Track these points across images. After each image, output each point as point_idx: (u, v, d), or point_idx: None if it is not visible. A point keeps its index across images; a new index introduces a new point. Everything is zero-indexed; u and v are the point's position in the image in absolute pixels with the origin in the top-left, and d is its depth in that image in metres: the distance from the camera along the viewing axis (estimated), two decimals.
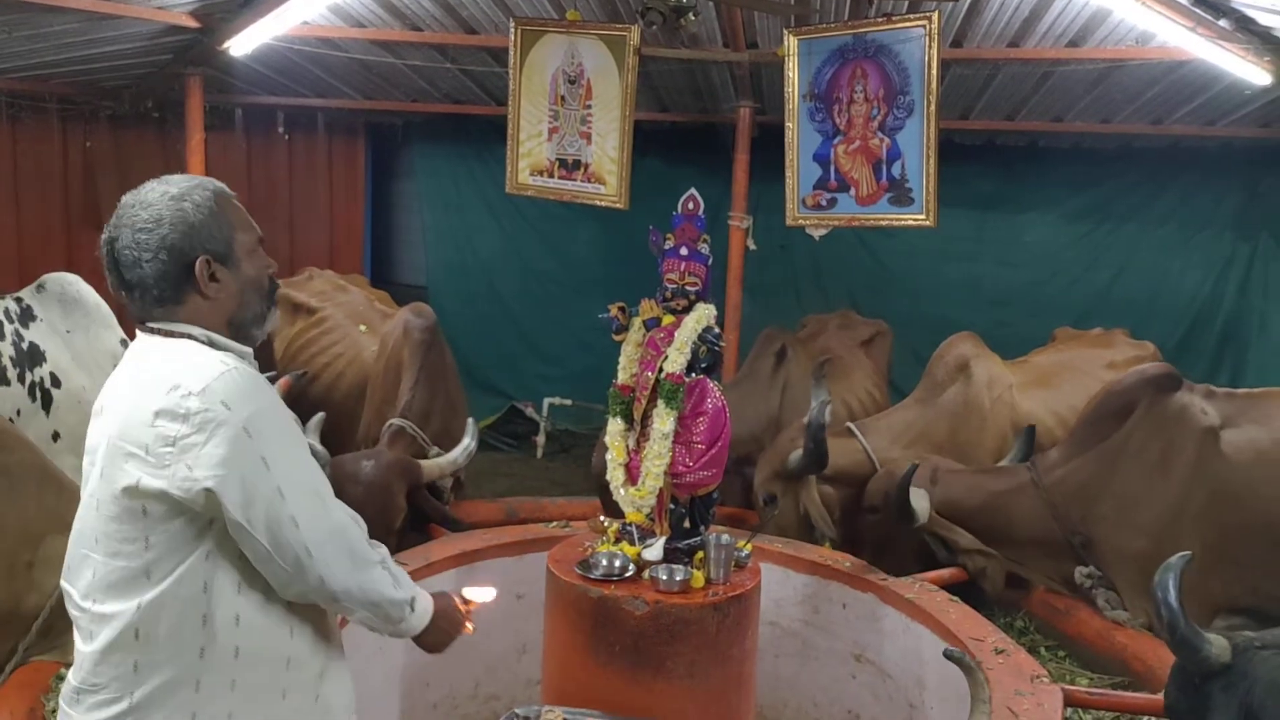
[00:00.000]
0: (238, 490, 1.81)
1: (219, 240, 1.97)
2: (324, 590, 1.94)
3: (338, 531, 1.96)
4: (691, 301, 3.49)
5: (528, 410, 9.17)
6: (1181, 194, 8.13)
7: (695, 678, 3.22)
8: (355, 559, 1.98)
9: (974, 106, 7.48)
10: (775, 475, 5.08)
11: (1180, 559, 2.62)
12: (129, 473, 1.83)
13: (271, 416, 1.90)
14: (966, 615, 3.90)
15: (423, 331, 5.43)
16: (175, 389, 1.82)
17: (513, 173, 6.43)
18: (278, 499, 1.85)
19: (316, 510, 1.93)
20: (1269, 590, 4.34)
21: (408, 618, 2.12)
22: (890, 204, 5.59)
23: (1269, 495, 4.32)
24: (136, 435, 1.83)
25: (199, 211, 1.95)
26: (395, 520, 4.51)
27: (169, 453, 1.80)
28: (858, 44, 5.51)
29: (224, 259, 1.98)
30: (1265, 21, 5.11)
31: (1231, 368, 7.97)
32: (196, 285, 1.95)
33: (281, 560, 1.87)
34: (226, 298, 1.99)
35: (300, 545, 1.87)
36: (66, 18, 5.83)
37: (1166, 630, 2.51)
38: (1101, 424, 4.65)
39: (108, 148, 8.28)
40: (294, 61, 7.38)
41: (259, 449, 1.83)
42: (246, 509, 1.82)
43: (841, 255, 8.62)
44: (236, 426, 1.81)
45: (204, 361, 1.88)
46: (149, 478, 1.81)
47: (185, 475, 1.80)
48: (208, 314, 1.98)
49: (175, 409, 1.81)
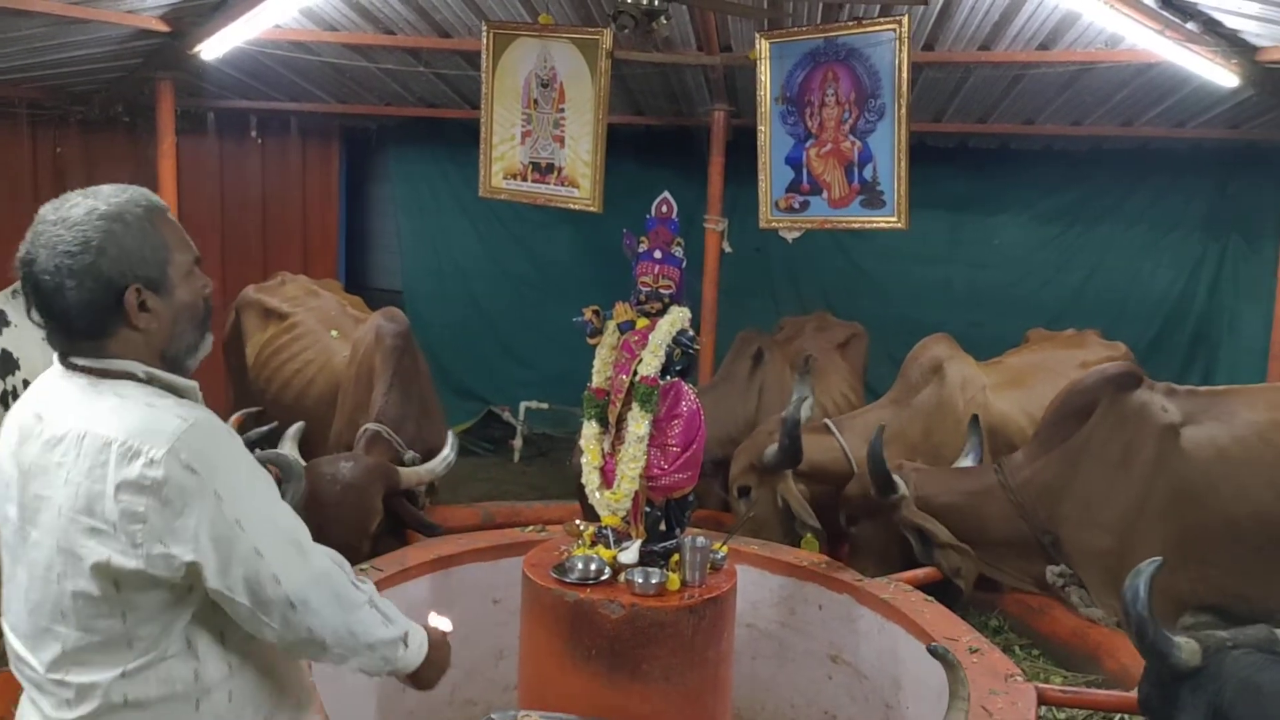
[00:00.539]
0: (214, 557, 1.70)
1: (152, 264, 1.78)
2: (315, 640, 1.83)
3: (321, 579, 1.85)
4: (666, 304, 3.50)
5: (504, 414, 9.15)
6: (1152, 195, 8.20)
7: (672, 680, 3.23)
8: (342, 603, 1.87)
9: (946, 109, 7.52)
10: (751, 468, 5.09)
11: (1150, 564, 2.64)
12: (95, 550, 1.69)
13: (238, 470, 1.77)
14: (941, 615, 3.93)
15: (395, 337, 5.40)
16: (135, 457, 1.67)
17: (486, 176, 6.42)
18: (256, 559, 1.74)
19: (297, 561, 1.81)
20: (1234, 588, 4.38)
21: (403, 655, 2.01)
22: (862, 206, 5.61)
23: (1229, 493, 4.36)
24: (97, 509, 1.68)
25: (130, 233, 1.76)
26: (371, 524, 4.48)
27: (140, 530, 1.67)
28: (829, 47, 5.53)
29: (156, 286, 1.79)
30: (1232, 24, 5.17)
31: (1203, 367, 8.05)
32: (126, 317, 1.76)
33: (267, 618, 1.77)
34: (159, 328, 1.81)
35: (284, 600, 1.77)
36: (34, 21, 5.78)
37: (1135, 637, 2.53)
38: (1064, 423, 4.69)
39: (78, 153, 8.21)
40: (266, 65, 7.33)
41: (232, 512, 1.71)
42: (225, 575, 1.72)
43: (816, 257, 8.66)
44: (207, 493, 1.69)
45: (157, 418, 1.71)
46: (121, 557, 1.68)
47: (162, 553, 1.68)
48: (138, 347, 1.80)
49: (139, 481, 1.66)
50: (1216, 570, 4.38)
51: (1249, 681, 2.38)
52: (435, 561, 4.27)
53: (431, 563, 4.25)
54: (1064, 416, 4.72)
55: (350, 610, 1.88)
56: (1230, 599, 4.39)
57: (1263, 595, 4.33)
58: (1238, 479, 4.36)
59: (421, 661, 2.07)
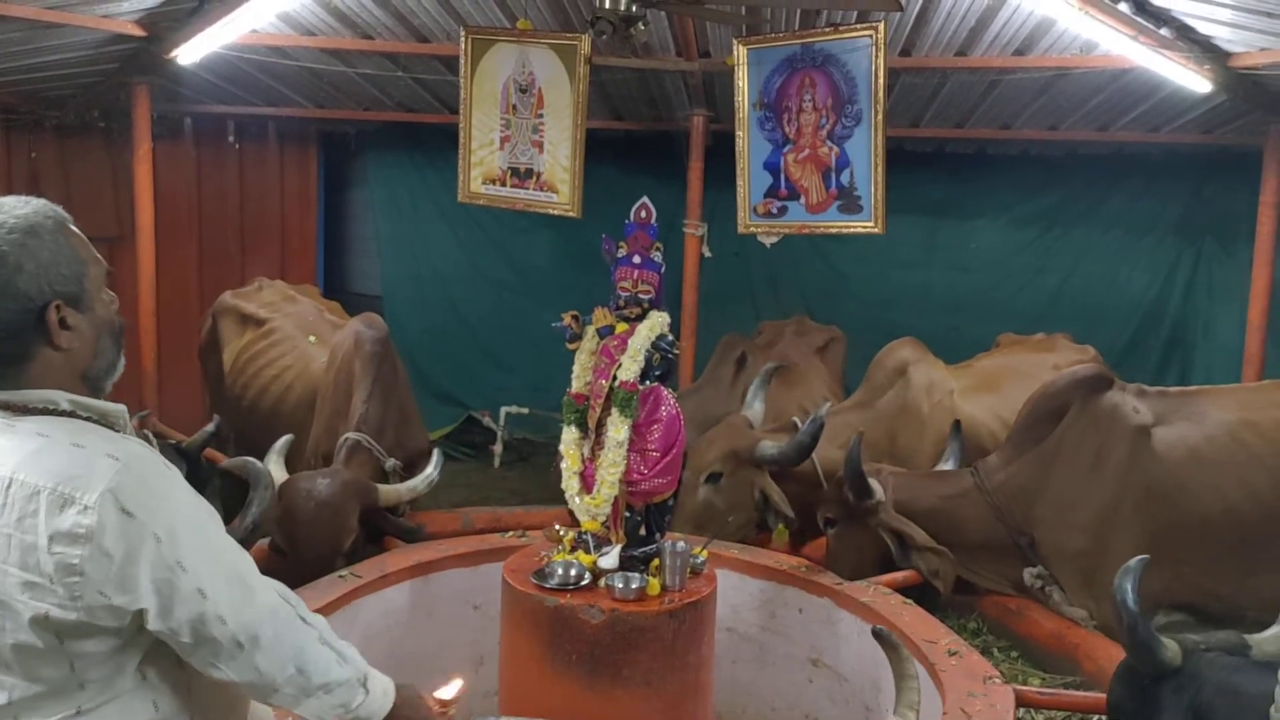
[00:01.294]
0: (155, 601, 1.62)
1: (70, 279, 1.68)
2: (265, 679, 1.75)
3: (268, 616, 1.74)
4: (645, 309, 3.51)
5: (485, 419, 9.12)
6: (1127, 199, 8.26)
7: (652, 685, 3.23)
8: (292, 641, 1.77)
9: (923, 114, 7.56)
10: (730, 456, 5.05)
11: (1139, 562, 2.66)
12: (32, 604, 1.58)
13: (177, 509, 1.67)
14: (920, 617, 3.95)
15: (374, 343, 5.38)
16: (67, 504, 1.56)
17: (465, 181, 6.41)
18: (199, 599, 1.64)
19: (242, 599, 1.71)
20: (1207, 586, 4.42)
21: (362, 701, 1.87)
22: (840, 211, 5.64)
23: (1201, 492, 4.40)
24: (31, 561, 1.58)
25: (46, 247, 1.65)
26: (344, 542, 4.42)
27: (78, 582, 1.57)
28: (806, 54, 5.55)
29: (76, 301, 1.68)
30: (1205, 30, 5.22)
31: (1179, 369, 8.11)
32: (48, 336, 1.65)
33: (214, 659, 1.70)
34: (80, 347, 1.70)
35: (231, 639, 1.68)
36: (9, 26, 5.73)
37: (1126, 633, 2.54)
38: (1037, 426, 4.72)
39: (53, 158, 8.13)
40: (244, 70, 7.30)
41: (172, 554, 1.62)
42: (167, 618, 1.63)
43: (795, 262, 8.68)
44: (145, 536, 1.59)
45: (87, 460, 1.60)
46: (60, 610, 1.58)
47: (103, 604, 1.59)
48: (60, 369, 1.69)
49: (73, 531, 1.56)
50: (1190, 569, 4.42)
51: (1227, 683, 2.40)
52: (415, 568, 4.25)
53: (411, 569, 4.24)
54: (1037, 419, 4.75)
55: (301, 649, 1.78)
56: (1204, 597, 4.43)
57: (1235, 593, 4.37)
58: (1209, 478, 4.41)
59: (387, 714, 1.93)
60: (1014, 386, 5.54)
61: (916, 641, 3.72)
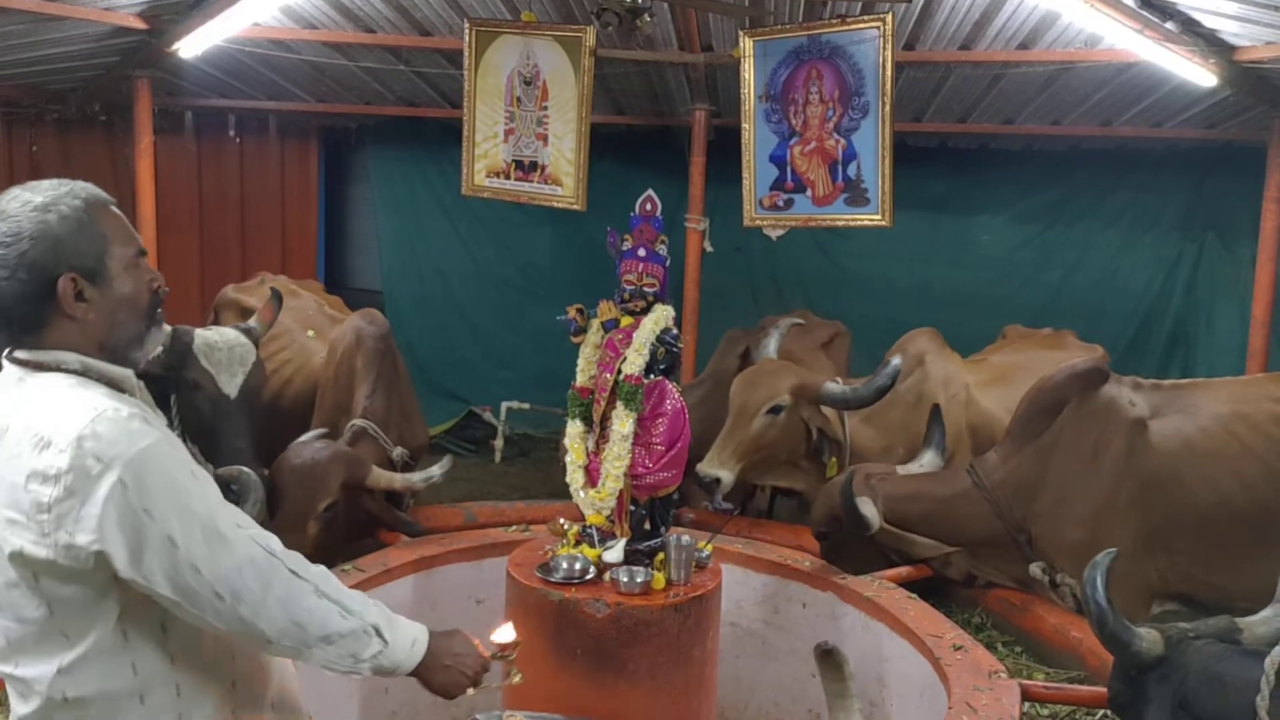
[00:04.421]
0: (123, 548, 1.66)
1: (88, 255, 1.78)
2: (254, 631, 1.77)
3: (246, 566, 1.75)
4: (649, 303, 3.50)
5: (485, 415, 9.11)
6: (1130, 195, 8.24)
7: (657, 679, 3.22)
8: (277, 592, 1.78)
9: (926, 109, 7.54)
10: (798, 389, 5.15)
11: (1106, 555, 2.65)
12: (12, 540, 1.68)
13: (152, 459, 1.70)
14: (924, 612, 3.94)
15: (377, 340, 5.37)
16: (43, 445, 1.66)
17: (468, 174, 6.40)
18: (170, 548, 1.68)
19: (217, 550, 1.73)
20: (1202, 576, 4.42)
21: (381, 651, 1.89)
22: (846, 205, 5.63)
23: (1196, 484, 4.41)
24: (13, 499, 1.68)
25: (64, 223, 1.76)
26: (318, 503, 4.43)
27: (46, 520, 1.65)
28: (812, 45, 5.54)
29: (93, 275, 1.79)
30: (1210, 24, 5.20)
31: (1181, 365, 8.09)
32: (61, 306, 1.76)
33: (195, 608, 1.72)
34: (96, 319, 1.80)
35: (209, 589, 1.71)
36: (10, 19, 5.72)
37: (1096, 626, 2.54)
38: (1035, 421, 4.71)
39: (54, 152, 8.12)
40: (245, 64, 7.29)
41: (139, 500, 1.66)
42: (136, 565, 1.67)
43: (797, 257, 8.67)
44: (111, 480, 1.64)
45: (71, 409, 1.69)
46: (32, 546, 1.66)
47: (68, 543, 1.65)
48: (77, 337, 1.79)
49: (45, 470, 1.65)
50: (1185, 559, 4.44)
51: (1211, 672, 2.39)
52: (418, 562, 4.25)
53: (414, 563, 4.24)
54: (1034, 414, 4.75)
55: (290, 600, 1.79)
56: (1199, 587, 4.44)
57: (1228, 582, 4.37)
58: (1203, 470, 4.42)
59: (419, 662, 1.96)
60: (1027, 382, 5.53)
61: (921, 636, 3.71)
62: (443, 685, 2.04)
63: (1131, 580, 4.38)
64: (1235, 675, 2.34)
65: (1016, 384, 5.62)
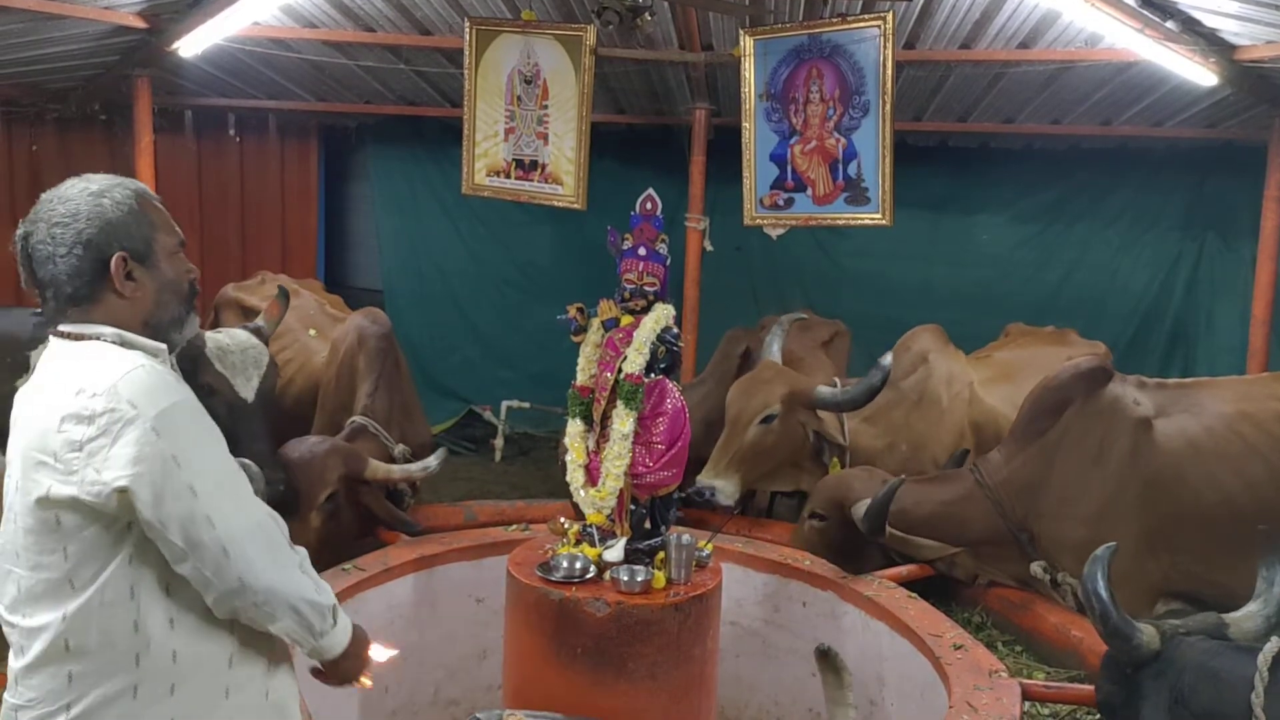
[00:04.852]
0: (147, 489, 1.75)
1: (137, 239, 1.92)
2: (245, 591, 1.84)
3: (255, 528, 1.88)
4: (650, 302, 3.50)
5: (485, 414, 9.10)
6: (1130, 194, 8.23)
7: (657, 679, 3.22)
8: (275, 557, 1.90)
9: (926, 108, 7.54)
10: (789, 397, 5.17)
11: (1107, 550, 2.65)
12: (40, 482, 1.78)
13: (182, 413, 1.83)
14: (924, 611, 3.94)
15: (378, 339, 5.37)
16: (81, 391, 1.77)
17: (469, 173, 6.40)
18: (190, 497, 1.78)
19: (232, 507, 1.86)
20: (1206, 575, 4.42)
21: (330, 631, 2.01)
22: (847, 203, 5.63)
23: (1198, 484, 4.41)
24: (45, 443, 1.78)
25: (118, 208, 1.91)
26: (318, 494, 4.47)
27: (76, 458, 1.75)
28: (813, 44, 5.54)
29: (142, 258, 1.93)
30: (1211, 23, 5.20)
31: (1181, 365, 8.08)
32: (112, 283, 1.90)
33: (198, 561, 1.80)
34: (143, 297, 1.94)
35: (217, 543, 1.80)
36: (10, 18, 5.72)
37: (1099, 621, 2.53)
38: (1038, 420, 4.72)
39: (54, 151, 8.12)
40: (245, 63, 7.28)
41: (168, 447, 1.77)
42: (157, 508, 1.76)
43: (797, 256, 8.66)
44: (144, 425, 1.75)
45: (110, 361, 1.82)
46: (59, 485, 1.76)
47: (94, 479, 1.75)
48: (123, 314, 1.92)
49: (80, 411, 1.76)
50: (1188, 558, 4.44)
51: (1207, 667, 2.39)
52: (418, 561, 4.25)
53: (414, 562, 4.23)
54: (1038, 414, 4.75)
55: (283, 567, 1.92)
56: (1203, 586, 4.43)
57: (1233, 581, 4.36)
58: (1208, 469, 4.42)
59: (343, 650, 2.07)
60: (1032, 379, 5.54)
61: (922, 635, 3.71)
62: (343, 672, 2.13)
63: (1136, 579, 4.39)
64: (1229, 671, 2.35)
65: (1020, 380, 5.63)
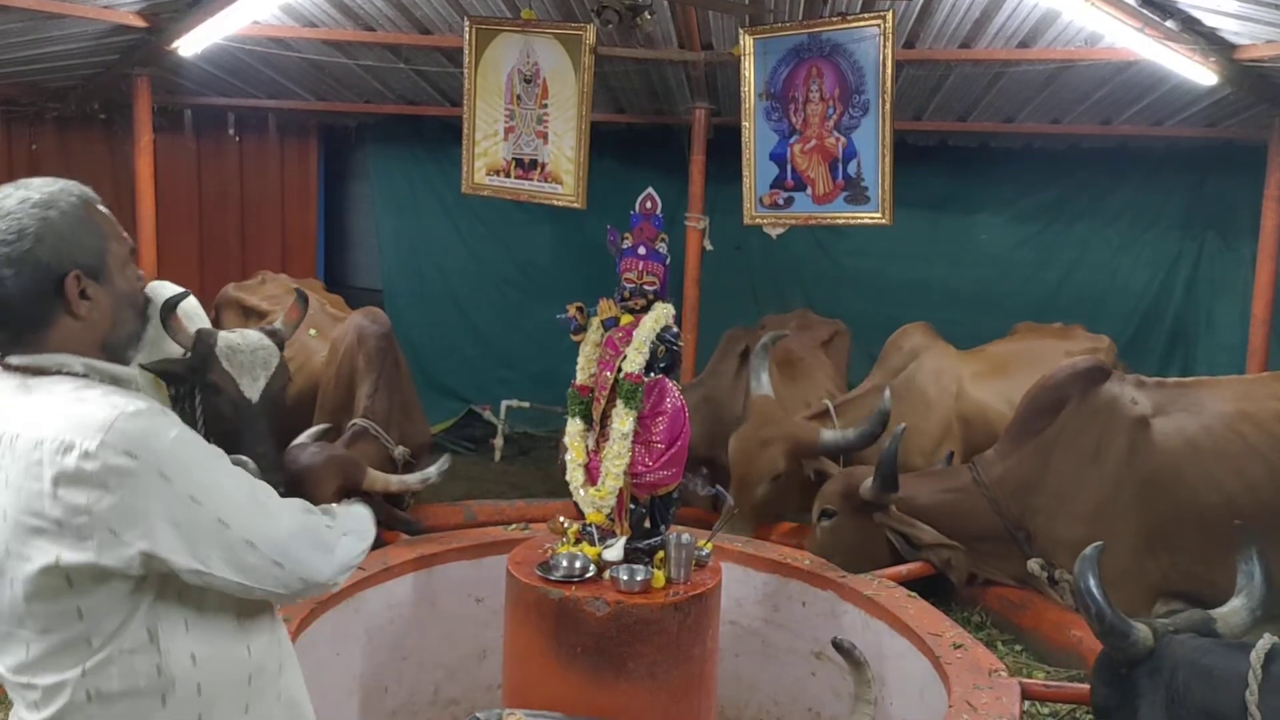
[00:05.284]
0: (176, 539, 1.65)
1: (90, 252, 1.76)
2: (313, 584, 1.87)
3: (297, 532, 1.84)
4: (650, 301, 3.49)
5: (485, 413, 9.10)
6: (1130, 193, 8.24)
7: (657, 678, 3.22)
8: (326, 548, 1.90)
9: (926, 107, 7.54)
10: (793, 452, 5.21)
11: (1095, 549, 2.65)
12: (44, 550, 1.62)
13: (181, 447, 1.70)
14: (924, 610, 3.94)
15: (379, 338, 5.37)
16: (69, 449, 1.61)
17: (469, 172, 6.40)
18: (222, 529, 1.70)
19: (265, 521, 1.79)
20: (1205, 576, 4.42)
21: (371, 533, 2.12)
22: (846, 203, 5.63)
23: (1197, 483, 4.41)
24: (40, 508, 1.62)
25: (66, 220, 1.74)
26: None
27: (85, 522, 1.61)
28: (813, 43, 5.54)
29: (96, 274, 1.77)
30: (1211, 22, 5.20)
31: (1181, 364, 8.09)
32: (67, 304, 1.74)
33: (256, 583, 1.76)
34: (100, 317, 1.78)
35: (267, 561, 1.76)
36: (9, 17, 5.71)
37: (1094, 620, 2.52)
38: (1035, 419, 4.72)
39: (54, 150, 8.11)
40: (244, 62, 7.28)
41: (184, 489, 1.66)
42: (194, 553, 1.67)
43: (797, 256, 8.67)
44: (150, 474, 1.63)
45: (87, 411, 1.65)
46: (70, 553, 1.62)
47: (113, 542, 1.62)
48: (80, 336, 1.77)
49: (76, 474, 1.60)
50: (1187, 558, 4.44)
51: (1200, 665, 2.39)
52: (418, 560, 4.24)
53: (414, 561, 4.23)
54: (1035, 412, 4.75)
55: (334, 549, 1.93)
56: (1203, 586, 4.43)
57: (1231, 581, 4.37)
58: (1207, 469, 4.42)
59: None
60: (1024, 372, 5.55)
61: (921, 635, 3.71)
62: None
63: (1135, 578, 4.39)
64: (1222, 669, 2.34)
65: (1011, 374, 5.66)
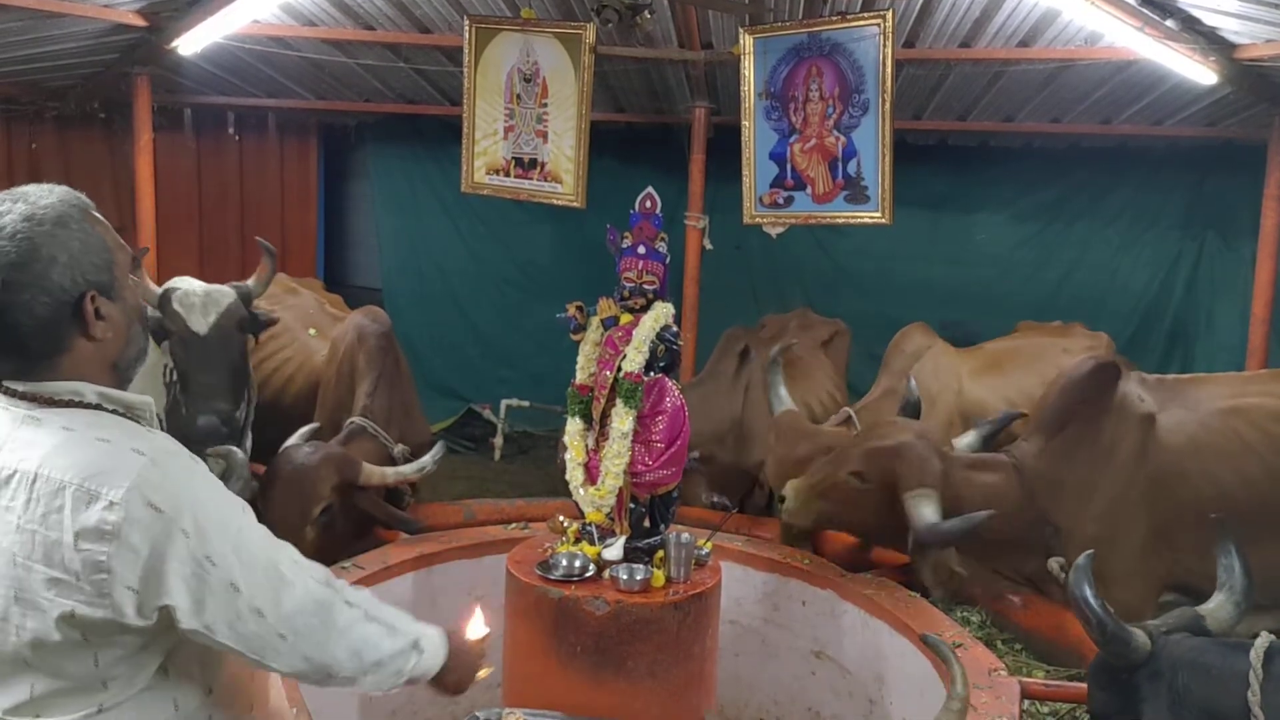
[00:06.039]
0: (186, 598, 1.58)
1: (102, 268, 1.64)
2: (316, 666, 1.75)
3: (308, 605, 1.72)
4: (649, 300, 3.49)
5: (485, 412, 9.11)
6: (1130, 193, 8.24)
7: (657, 677, 3.22)
8: (337, 627, 1.76)
9: (926, 107, 7.54)
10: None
11: (1087, 558, 2.63)
12: (59, 601, 1.55)
13: (205, 502, 1.62)
14: (924, 610, 3.94)
15: (378, 337, 5.36)
16: (93, 500, 1.52)
17: (468, 171, 6.39)
18: (232, 594, 1.61)
19: (278, 589, 1.68)
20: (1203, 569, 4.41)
21: (417, 663, 1.90)
22: (846, 202, 5.63)
23: (1197, 479, 4.42)
24: (56, 558, 1.54)
25: (75, 237, 1.61)
26: (312, 509, 4.36)
27: (105, 580, 1.53)
28: (813, 42, 5.53)
29: (108, 290, 1.65)
30: (1211, 22, 5.20)
31: (1180, 363, 8.09)
32: (84, 327, 1.62)
33: (255, 654, 1.68)
34: (114, 337, 1.67)
35: (271, 633, 1.67)
36: (10, 16, 5.71)
37: (1095, 631, 2.51)
38: (1060, 414, 4.70)
39: (53, 149, 8.12)
40: (244, 61, 7.28)
41: (201, 549, 1.58)
42: (199, 614, 1.60)
43: (797, 255, 8.67)
44: (173, 530, 1.56)
45: (112, 455, 1.56)
46: (87, 608, 1.54)
47: (132, 600, 1.55)
48: (92, 360, 1.65)
49: (100, 527, 1.52)
50: (1186, 554, 4.44)
51: (1197, 663, 2.38)
52: (418, 559, 4.25)
53: (414, 560, 4.24)
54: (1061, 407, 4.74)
55: (347, 632, 1.78)
56: (1198, 579, 4.43)
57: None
58: (1205, 465, 4.43)
59: (442, 665, 1.96)
60: (1022, 369, 5.57)
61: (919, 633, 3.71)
62: (456, 683, 2.02)
63: (1145, 576, 4.39)
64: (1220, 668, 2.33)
65: (1009, 370, 5.67)
